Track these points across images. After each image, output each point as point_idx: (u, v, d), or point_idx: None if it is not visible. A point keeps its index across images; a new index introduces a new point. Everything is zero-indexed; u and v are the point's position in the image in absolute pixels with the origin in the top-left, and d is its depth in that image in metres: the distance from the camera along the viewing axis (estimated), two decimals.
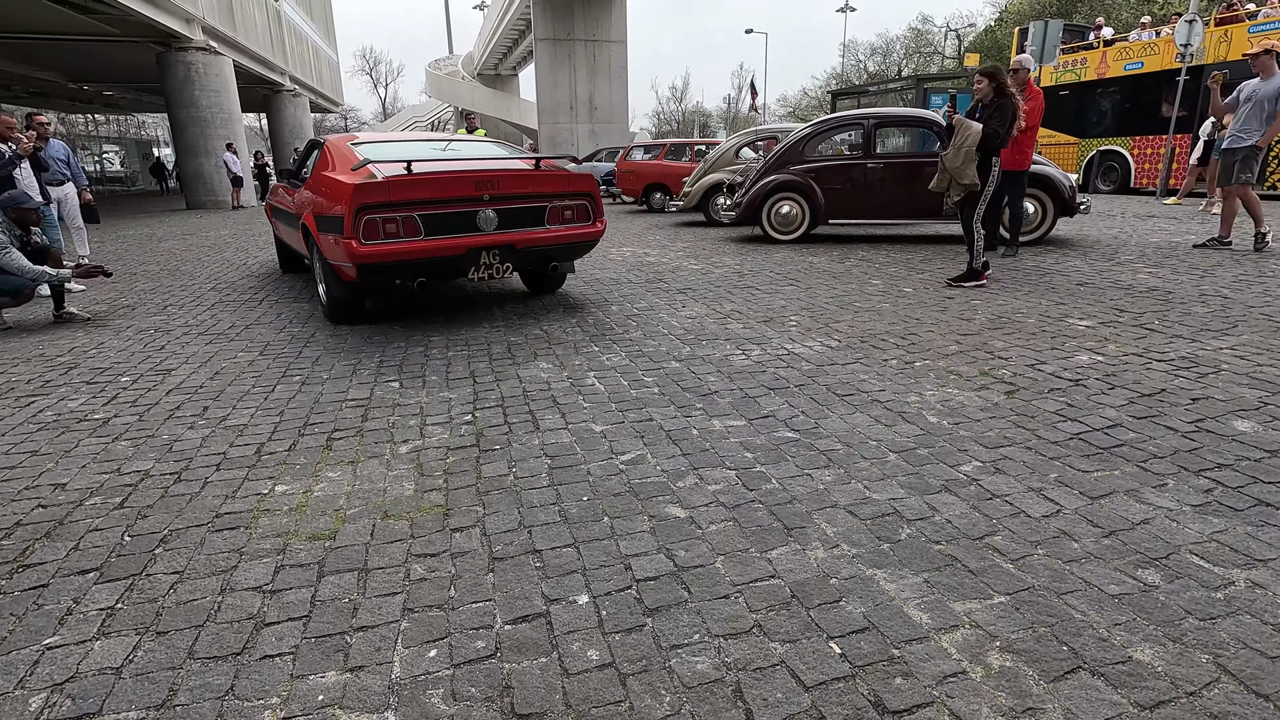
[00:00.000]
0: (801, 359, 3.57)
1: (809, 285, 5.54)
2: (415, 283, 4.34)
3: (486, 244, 4.36)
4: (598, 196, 4.82)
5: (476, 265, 4.39)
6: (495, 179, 4.37)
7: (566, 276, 5.66)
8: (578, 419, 2.85)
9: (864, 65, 45.21)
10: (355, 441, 2.69)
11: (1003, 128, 4.88)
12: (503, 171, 4.47)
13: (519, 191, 4.47)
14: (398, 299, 5.39)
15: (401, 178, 4.14)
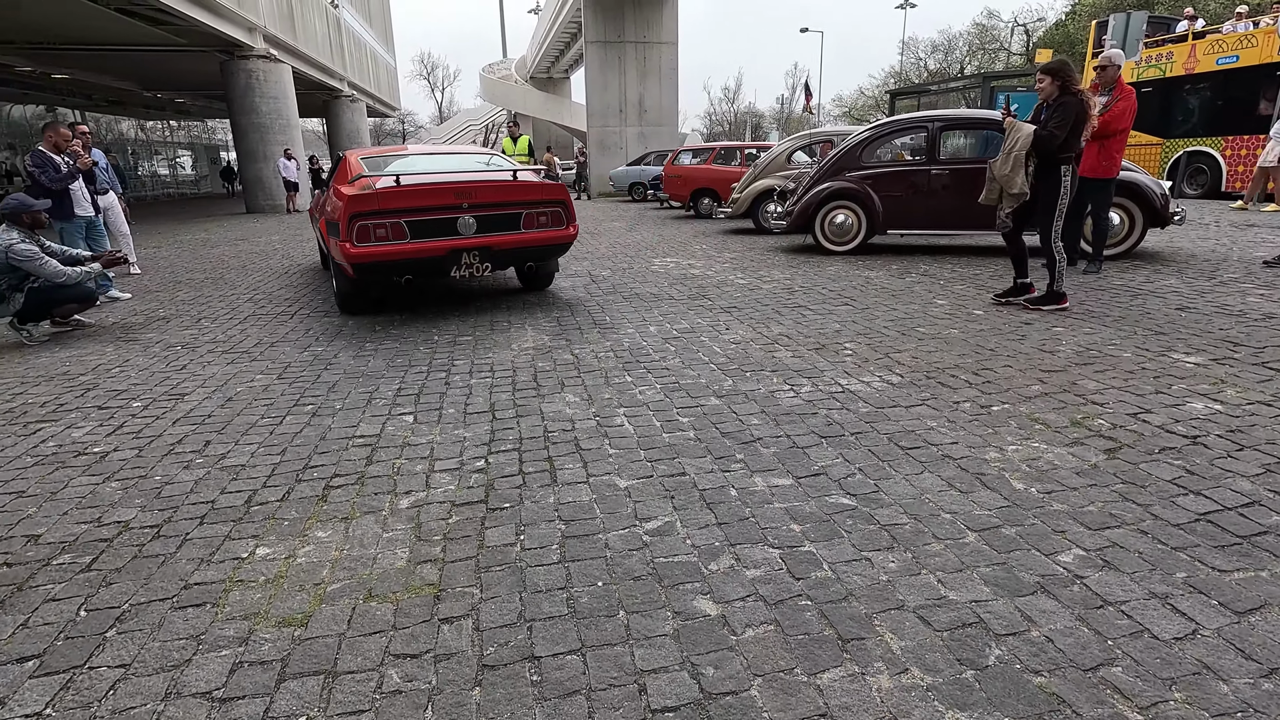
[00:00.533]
0: (858, 398, 3.16)
1: (866, 305, 5.09)
2: (403, 280, 4.95)
3: (467, 246, 4.87)
4: (569, 204, 5.28)
5: (458, 265, 4.90)
6: (473, 189, 4.91)
7: (553, 276, 6.15)
8: (601, 470, 2.52)
9: (924, 63, 43.67)
10: (354, 491, 2.42)
11: (1061, 130, 4.29)
12: (481, 182, 5.06)
13: (495, 200, 4.95)
14: (402, 294, 5.87)
15: (389, 189, 4.68)
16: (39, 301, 4.77)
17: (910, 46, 43.93)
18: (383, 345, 4.37)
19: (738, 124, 61.66)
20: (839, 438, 2.73)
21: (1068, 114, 4.28)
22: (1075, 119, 4.30)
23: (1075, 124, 4.31)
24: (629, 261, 7.68)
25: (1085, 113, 4.34)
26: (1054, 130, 4.30)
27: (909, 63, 43.45)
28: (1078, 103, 4.29)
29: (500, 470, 2.55)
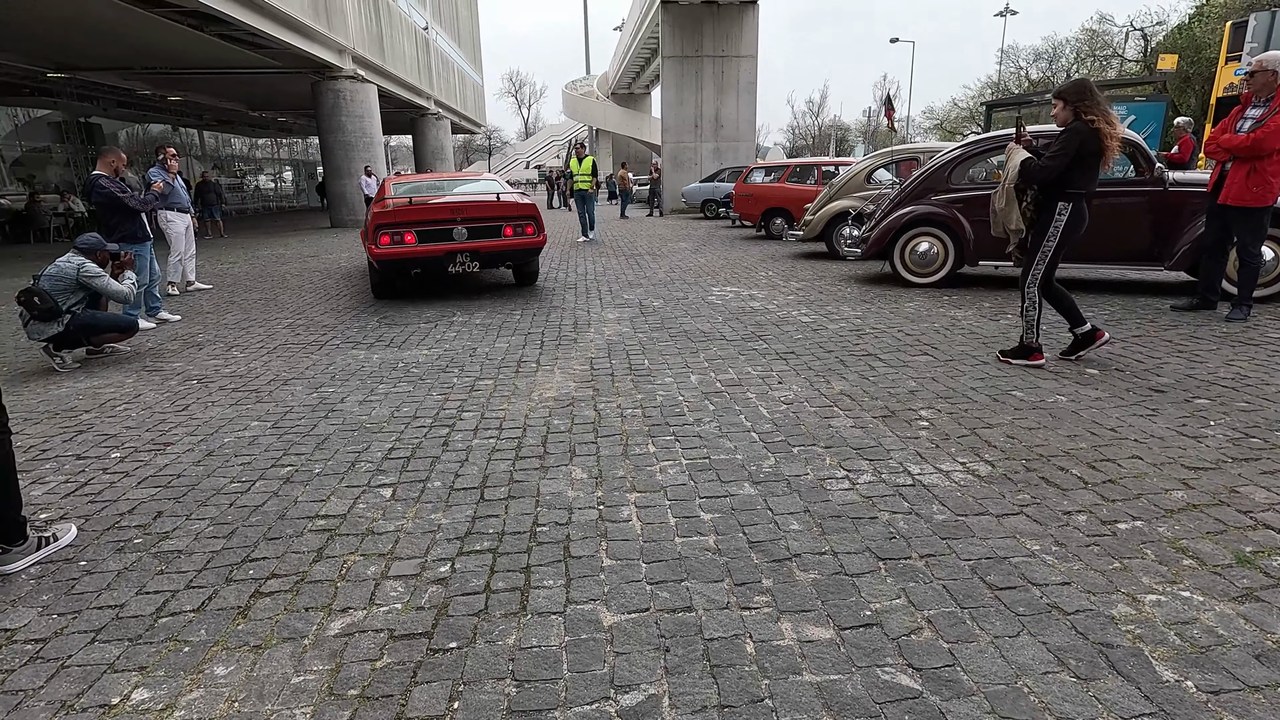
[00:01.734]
0: (933, 497, 2.48)
1: (950, 356, 4.33)
2: (412, 273, 6.75)
3: (460, 249, 6.53)
4: (539, 218, 6.84)
5: (454, 263, 6.55)
6: (465, 207, 6.64)
7: (537, 274, 7.81)
8: (585, 593, 1.98)
9: (1025, 72, 41.02)
10: (284, 602, 1.98)
11: (1056, 160, 3.68)
12: (470, 202, 6.81)
13: (481, 215, 6.64)
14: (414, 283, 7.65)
15: (404, 207, 6.52)
16: (80, 327, 4.72)
17: (1010, 55, 41.38)
18: (396, 388, 4.00)
19: (821, 138, 60.06)
20: (903, 562, 2.08)
21: (1069, 144, 3.66)
22: (1079, 150, 3.64)
23: (1081, 156, 3.65)
24: (686, 289, 7.13)
25: (1100, 144, 3.63)
26: (1045, 161, 3.74)
27: (1008, 72, 40.95)
28: (1087, 132, 3.62)
29: (464, 583, 2.05)
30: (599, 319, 5.79)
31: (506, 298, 6.94)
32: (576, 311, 6.13)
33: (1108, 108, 3.71)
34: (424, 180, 8.25)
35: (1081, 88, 3.76)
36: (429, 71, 28.31)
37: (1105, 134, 3.63)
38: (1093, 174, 3.76)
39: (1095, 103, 3.68)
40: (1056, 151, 3.71)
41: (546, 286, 7.59)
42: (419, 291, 7.44)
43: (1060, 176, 3.74)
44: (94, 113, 21.96)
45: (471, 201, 6.82)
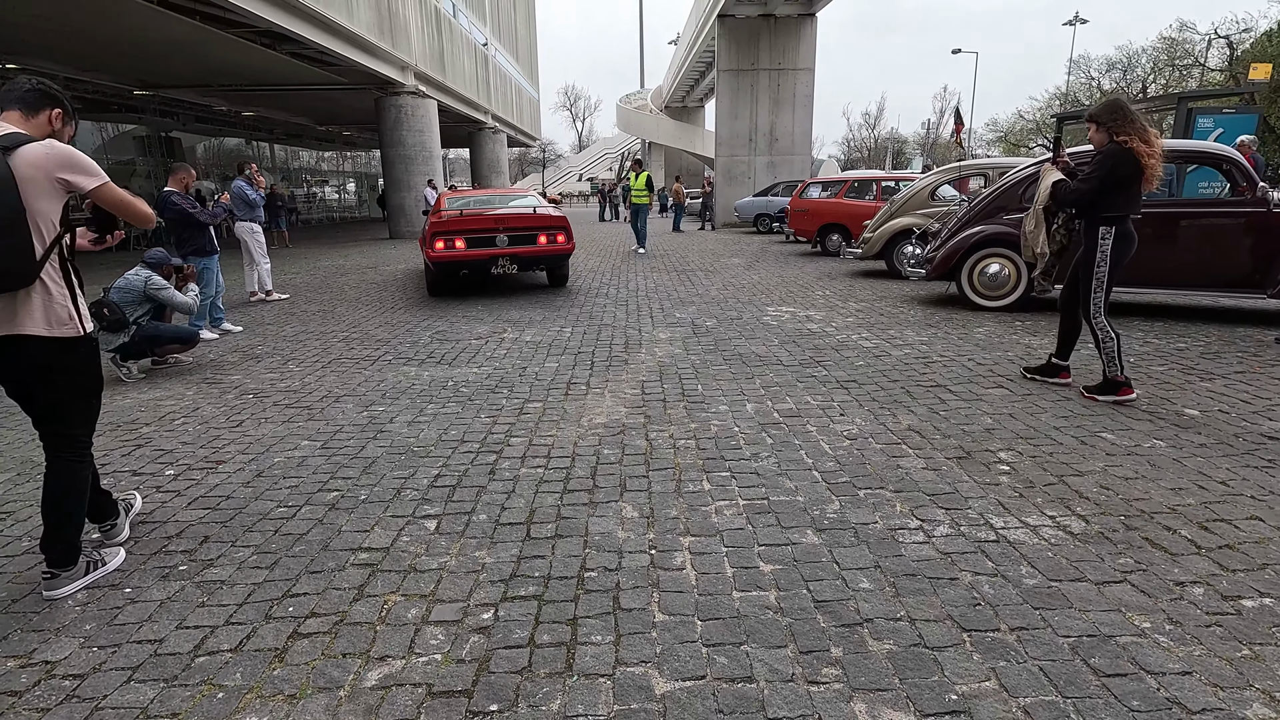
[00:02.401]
0: (1020, 556, 2.24)
1: (1028, 390, 4.03)
2: (461, 273, 7.98)
3: (501, 254, 7.63)
4: (568, 228, 7.98)
5: (496, 265, 7.65)
6: (506, 218, 7.80)
7: (567, 277, 8.94)
8: (636, 654, 1.83)
9: (1097, 83, 39.31)
10: (322, 645, 1.89)
11: (1089, 183, 3.57)
12: (511, 214, 8.03)
13: (519, 225, 7.78)
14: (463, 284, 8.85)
15: (456, 218, 7.70)
16: (144, 338, 4.85)
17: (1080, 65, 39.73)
18: (445, 409, 3.95)
19: (878, 150, 58.92)
20: (991, 635, 1.85)
21: (1101, 167, 3.52)
22: (1113, 171, 3.50)
23: (1118, 178, 3.50)
24: (739, 309, 6.94)
25: (1137, 164, 3.47)
26: (1078, 184, 3.64)
27: (1078, 82, 39.32)
28: (1120, 153, 3.48)
29: (507, 634, 1.92)
30: (650, 338, 5.66)
31: (558, 314, 6.88)
32: (628, 330, 6.01)
33: (1145, 125, 3.53)
34: (473, 195, 9.72)
35: (1114, 108, 3.60)
36: (487, 86, 28.94)
37: (1141, 153, 3.46)
38: (1132, 196, 3.58)
39: (1129, 122, 3.51)
40: (1090, 174, 3.59)
41: (597, 303, 7.52)
42: (473, 306, 7.46)
43: (1099, 201, 3.59)
44: (174, 127, 23.14)
45: (512, 213, 8.11)
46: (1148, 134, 3.49)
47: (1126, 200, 3.56)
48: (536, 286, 8.89)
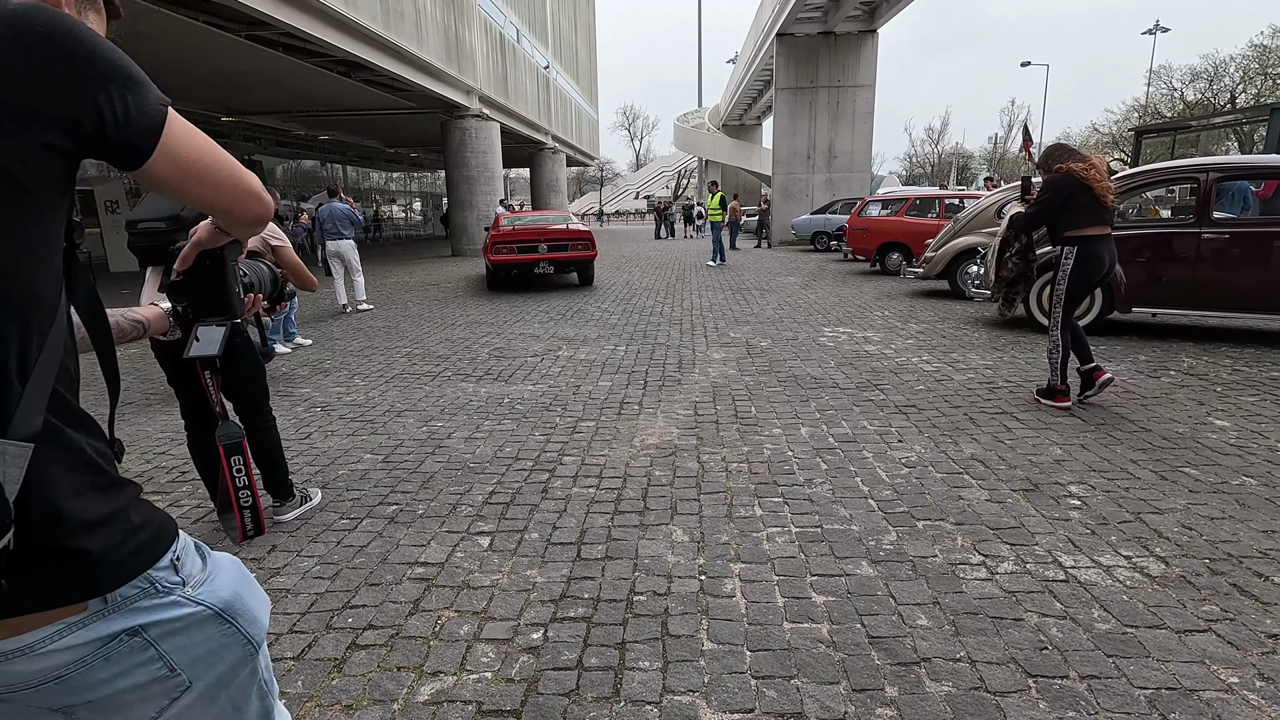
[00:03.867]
0: (1092, 598, 2.12)
1: (1102, 419, 3.83)
2: (512, 273, 10.50)
3: (542, 259, 10.34)
4: (592, 239, 10.60)
5: (538, 267, 10.39)
6: (546, 232, 10.49)
7: (593, 278, 11.33)
8: (684, 681, 1.81)
9: (1180, 93, 37.34)
10: (378, 658, 1.95)
11: (1034, 207, 3.95)
12: (550, 229, 10.62)
13: (556, 237, 10.44)
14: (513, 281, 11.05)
15: (509, 232, 10.45)
16: None
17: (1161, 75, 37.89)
18: (500, 425, 4.03)
19: (941, 166, 57.46)
20: (1059, 683, 1.76)
21: (1045, 191, 3.91)
22: (1056, 194, 3.85)
23: (1063, 199, 3.84)
24: (795, 329, 6.85)
25: (1077, 182, 3.81)
26: (1028, 210, 4.04)
27: (1159, 94, 37.46)
28: (1059, 177, 3.87)
29: (556, 655, 1.94)
30: (704, 358, 5.65)
31: (612, 332, 6.95)
32: (681, 350, 6.02)
33: (1083, 156, 3.94)
34: (522, 215, 12.56)
35: (1048, 152, 4.09)
36: (547, 108, 29.67)
37: (1078, 171, 3.82)
38: (1084, 213, 3.85)
39: (1062, 156, 3.95)
40: (1035, 200, 3.98)
41: (651, 321, 7.56)
42: (529, 324, 7.61)
43: (1055, 223, 3.93)
44: (257, 151, 24.61)
45: (549, 229, 10.74)
46: (1083, 157, 3.92)
47: (1078, 218, 3.85)
48: (590, 305, 9.01)
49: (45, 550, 0.65)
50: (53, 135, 0.60)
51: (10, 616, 0.64)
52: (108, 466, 0.72)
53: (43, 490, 0.64)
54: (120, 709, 0.72)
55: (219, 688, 0.78)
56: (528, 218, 12.01)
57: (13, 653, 0.65)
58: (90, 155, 0.65)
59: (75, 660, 0.68)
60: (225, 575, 0.81)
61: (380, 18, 13.41)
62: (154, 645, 0.72)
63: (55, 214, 0.64)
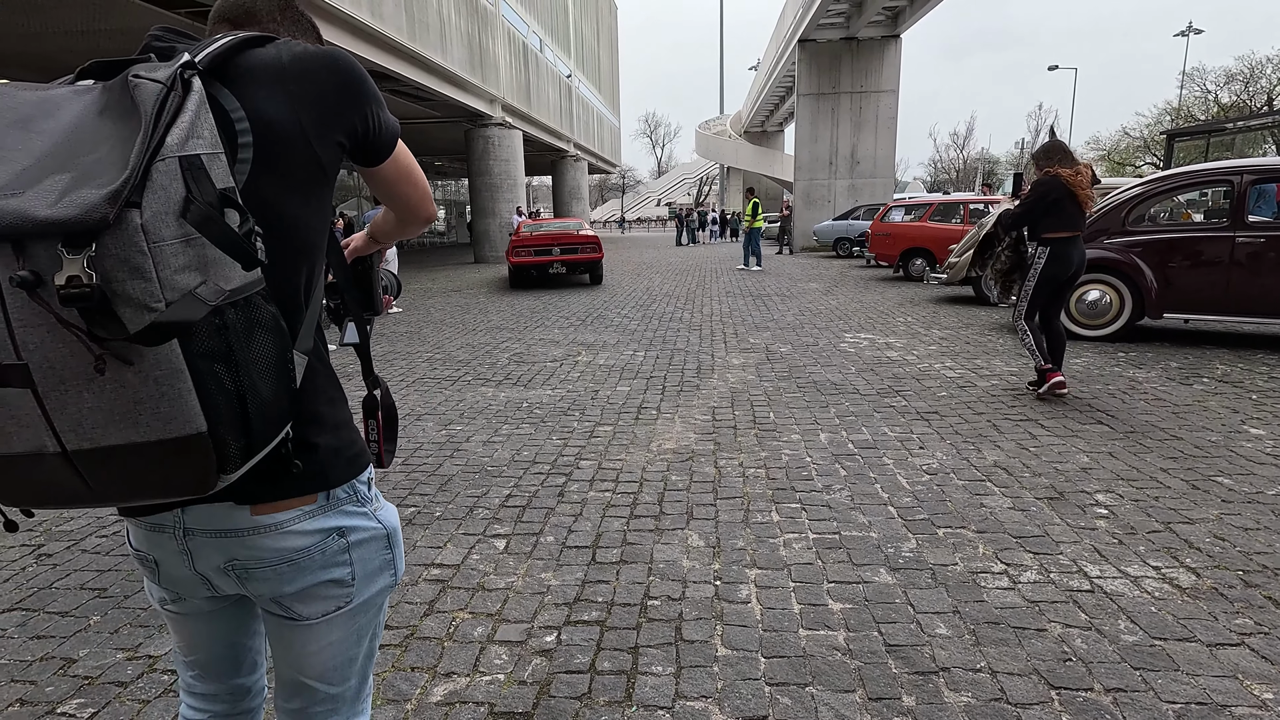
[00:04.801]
0: (1119, 609, 2.06)
1: (1131, 427, 3.74)
2: (531, 273, 11.96)
3: (556, 260, 11.78)
4: (598, 243, 12.08)
5: (552, 267, 11.79)
6: (559, 236, 12.07)
7: (602, 278, 12.73)
8: (696, 687, 1.80)
9: (1214, 96, 36.50)
10: (392, 658, 1.96)
11: (1020, 208, 4.25)
12: (563, 234, 12.17)
13: (567, 241, 11.89)
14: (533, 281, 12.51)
15: (527, 236, 12.22)
16: None
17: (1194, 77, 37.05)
18: (519, 429, 4.05)
19: (967, 171, 56.75)
20: (1083, 695, 1.71)
21: (1033, 193, 4.18)
22: (1043, 197, 4.13)
23: (1049, 202, 4.13)
24: (815, 335, 6.80)
25: (1063, 191, 4.09)
26: (1016, 209, 4.30)
27: (1192, 96, 36.65)
28: (1048, 181, 4.13)
29: (569, 659, 1.94)
30: (723, 364, 5.62)
31: (631, 338, 6.96)
32: (700, 355, 6.00)
33: (1074, 160, 4.16)
34: (539, 223, 14.05)
35: (1048, 149, 4.26)
36: (570, 116, 29.91)
37: (1065, 178, 4.08)
38: (1065, 218, 4.14)
39: (1057, 158, 4.17)
40: (1024, 201, 4.23)
41: (671, 327, 7.55)
42: (549, 329, 7.65)
43: (1037, 224, 4.21)
44: None
45: (562, 234, 12.35)
46: (1074, 165, 4.13)
47: (1059, 222, 4.15)
48: (610, 310, 9.03)
49: (303, 441, 0.83)
50: (341, 136, 0.83)
51: (276, 499, 0.84)
52: (339, 386, 0.92)
53: (306, 394, 0.83)
54: (314, 601, 0.89)
55: (361, 611, 0.94)
56: (545, 225, 13.54)
57: (269, 527, 0.84)
58: (353, 152, 0.87)
59: (305, 546, 0.86)
60: (390, 509, 0.98)
61: (406, 29, 13.65)
62: (349, 549, 0.89)
63: (329, 192, 0.86)
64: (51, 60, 12.89)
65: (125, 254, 0.59)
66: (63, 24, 10.60)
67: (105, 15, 10.25)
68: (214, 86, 0.73)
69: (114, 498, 0.70)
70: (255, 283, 0.69)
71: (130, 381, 0.63)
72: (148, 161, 0.61)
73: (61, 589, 2.40)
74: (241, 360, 0.67)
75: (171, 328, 0.61)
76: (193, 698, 1.03)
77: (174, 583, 0.91)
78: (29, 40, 11.40)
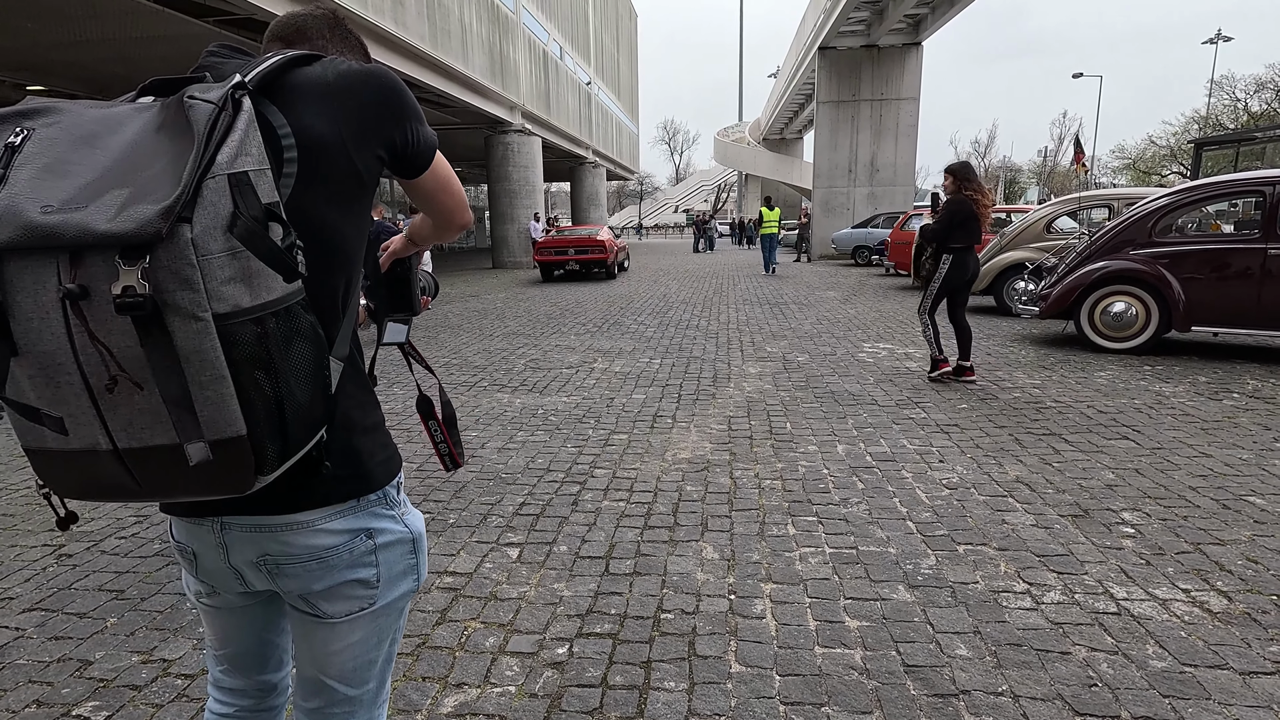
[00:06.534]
0: (1147, 634, 2.00)
1: (1158, 443, 3.65)
2: (555, 272, 15.58)
3: (572, 259, 15.12)
4: (606, 244, 15.03)
5: (568, 265, 15.23)
6: (575, 240, 15.52)
7: (613, 274, 15.59)
8: (709, 706, 1.77)
9: (1243, 105, 35.80)
10: (402, 669, 1.95)
11: (936, 223, 4.87)
12: (578, 238, 15.58)
13: (580, 244, 15.22)
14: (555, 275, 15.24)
15: (550, 238, 16.21)
16: None
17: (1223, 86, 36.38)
18: (533, 437, 4.04)
19: (988, 180, 56.20)
20: None
21: (948, 210, 4.80)
22: (952, 216, 4.76)
23: (957, 221, 4.76)
24: (833, 344, 6.74)
25: (971, 212, 4.74)
26: (933, 224, 4.92)
27: (1221, 105, 35.99)
28: (961, 201, 4.75)
29: (581, 672, 1.91)
30: (739, 373, 5.59)
31: (647, 345, 6.94)
32: (716, 364, 5.97)
33: (981, 184, 4.86)
34: (561, 229, 17.47)
35: (967, 168, 4.94)
36: (589, 123, 30.05)
37: (977, 202, 4.76)
38: (966, 232, 4.79)
39: (973, 181, 4.85)
40: (940, 218, 4.86)
41: (688, 335, 7.52)
42: (566, 335, 7.66)
43: (948, 236, 4.82)
44: None
45: (577, 238, 15.48)
46: (983, 189, 4.84)
47: (965, 235, 4.80)
48: (626, 318, 9.03)
49: (337, 446, 0.86)
50: (380, 149, 0.86)
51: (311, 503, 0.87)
52: (371, 391, 0.96)
53: (340, 399, 0.86)
54: (339, 600, 0.91)
55: (384, 613, 0.96)
56: (565, 231, 17.46)
57: (301, 524, 0.87)
58: (392, 165, 0.89)
59: (333, 545, 0.88)
60: (416, 514, 1.01)
61: (429, 37, 13.80)
62: (376, 551, 0.92)
63: (368, 204, 0.89)
64: (86, 69, 13.20)
65: (176, 266, 0.62)
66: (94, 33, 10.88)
67: (135, 24, 10.48)
68: (263, 104, 0.76)
69: (160, 494, 0.75)
70: (296, 293, 0.72)
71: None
72: (199, 179, 0.65)
73: (80, 590, 2.43)
74: (281, 367, 0.70)
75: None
76: (220, 691, 1.07)
77: (210, 575, 0.94)
78: (66, 50, 11.69)
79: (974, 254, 4.93)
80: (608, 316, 9.14)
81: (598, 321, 8.69)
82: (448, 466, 1.21)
